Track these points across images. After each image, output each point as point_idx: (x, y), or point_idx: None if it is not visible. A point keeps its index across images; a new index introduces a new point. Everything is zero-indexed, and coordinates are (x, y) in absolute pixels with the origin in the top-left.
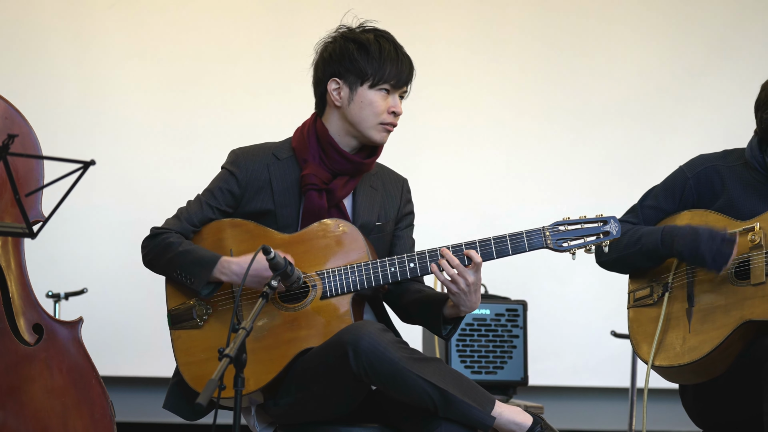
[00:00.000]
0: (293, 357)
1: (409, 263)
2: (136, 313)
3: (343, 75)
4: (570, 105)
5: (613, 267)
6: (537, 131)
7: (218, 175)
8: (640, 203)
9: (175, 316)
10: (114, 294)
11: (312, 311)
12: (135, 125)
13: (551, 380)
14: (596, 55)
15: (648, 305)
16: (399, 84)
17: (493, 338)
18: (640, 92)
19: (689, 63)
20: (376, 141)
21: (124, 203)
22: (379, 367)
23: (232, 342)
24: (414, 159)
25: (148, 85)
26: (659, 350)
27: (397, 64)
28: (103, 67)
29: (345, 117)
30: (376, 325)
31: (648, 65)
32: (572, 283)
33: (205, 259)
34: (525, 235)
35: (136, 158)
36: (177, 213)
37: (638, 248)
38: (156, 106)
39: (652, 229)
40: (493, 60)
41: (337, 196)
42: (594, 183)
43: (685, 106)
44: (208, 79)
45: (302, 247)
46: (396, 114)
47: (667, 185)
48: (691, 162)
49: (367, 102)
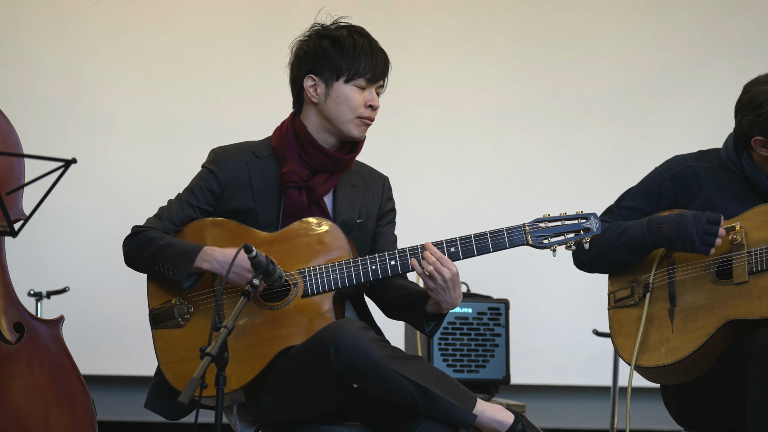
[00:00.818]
0: (275, 355)
1: (390, 261)
2: (117, 312)
3: (319, 71)
4: (552, 102)
5: (594, 265)
6: (518, 129)
7: (198, 174)
8: (617, 204)
9: (157, 316)
10: (95, 293)
11: (293, 310)
12: (117, 124)
13: (533, 379)
14: (578, 51)
15: (629, 306)
16: (374, 78)
17: (475, 337)
18: (623, 90)
19: (672, 61)
20: (354, 136)
21: (105, 202)
22: (360, 365)
23: (213, 341)
24: (393, 156)
25: (131, 83)
26: (642, 351)
27: (371, 58)
28: (85, 65)
29: (322, 113)
30: (357, 323)
31: (631, 62)
32: (554, 282)
33: (187, 249)
34: (505, 232)
35: (118, 157)
36: (158, 212)
37: (622, 241)
38: (138, 105)
39: (635, 222)
40: (473, 56)
41: (317, 194)
42: (576, 181)
43: (669, 104)
44: (190, 78)
45: (283, 245)
46: (373, 108)
47: (644, 187)
48: (667, 163)
49: (343, 97)
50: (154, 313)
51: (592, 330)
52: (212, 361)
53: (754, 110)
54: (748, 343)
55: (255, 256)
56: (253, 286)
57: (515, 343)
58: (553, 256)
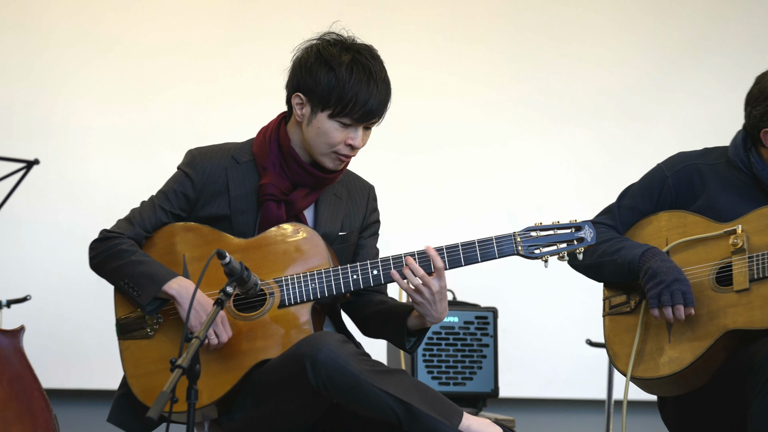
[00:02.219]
0: (249, 369)
1: (372, 270)
2: (82, 322)
3: (307, 93)
4: (542, 100)
5: (587, 273)
6: (507, 130)
7: (173, 177)
8: (618, 203)
9: (124, 326)
10: (59, 301)
11: (269, 321)
12: (83, 123)
13: (523, 392)
14: (570, 46)
15: (625, 313)
16: (362, 119)
17: (462, 347)
18: (616, 86)
19: (668, 56)
20: (327, 167)
21: (70, 205)
22: (339, 381)
23: (184, 352)
24: (376, 160)
25: (98, 82)
26: (638, 361)
27: (365, 98)
28: (50, 63)
29: (303, 135)
30: (336, 336)
31: (625, 57)
32: (545, 289)
33: (158, 273)
34: (495, 241)
35: (84, 157)
36: (129, 215)
37: (614, 258)
38: (105, 104)
39: (637, 243)
40: (460, 53)
41: (297, 208)
42: (568, 183)
43: (664, 100)
44: (162, 77)
45: (259, 252)
46: (353, 147)
47: (645, 184)
48: (670, 160)
49: (323, 130)
50: (121, 323)
51: (586, 340)
52: (183, 373)
53: (766, 99)
54: (748, 354)
55: (229, 262)
56: (226, 293)
57: (504, 354)
58: (545, 266)
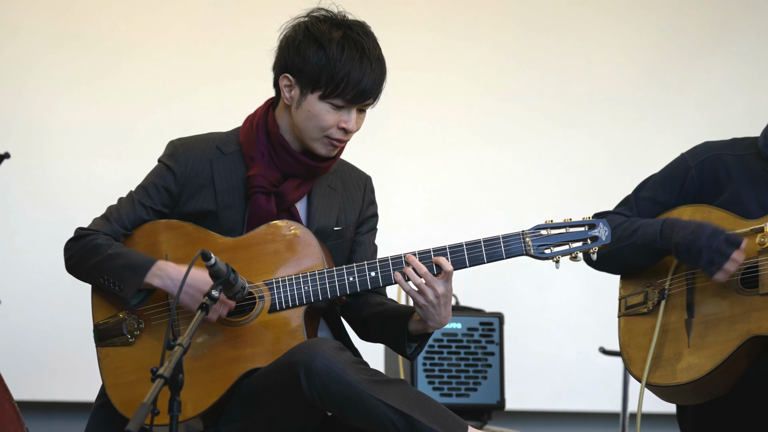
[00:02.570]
0: (237, 378)
1: (369, 272)
2: (56, 328)
3: (295, 74)
4: (552, 92)
5: (603, 264)
6: (514, 123)
7: (154, 170)
8: (635, 194)
9: (103, 332)
10: (31, 307)
11: (259, 326)
12: (56, 116)
13: (531, 404)
14: (582, 33)
15: (642, 314)
16: (356, 100)
17: (465, 356)
18: (631, 75)
19: (688, 41)
20: (321, 154)
21: (43, 203)
22: (335, 391)
23: (167, 361)
24: (376, 155)
25: (70, 70)
26: (654, 366)
27: (358, 78)
28: (18, 50)
29: (293, 119)
30: (332, 343)
31: (641, 44)
32: (556, 293)
33: (138, 262)
34: (502, 240)
35: (58, 153)
36: (106, 212)
37: (632, 241)
38: (79, 93)
39: (651, 221)
40: (464, 43)
41: (288, 200)
42: (581, 180)
43: (684, 90)
44: (138, 66)
45: (248, 252)
46: (347, 131)
47: (666, 175)
48: (694, 149)
49: (313, 113)
50: (99, 329)
51: (599, 348)
52: (165, 383)
53: None
54: None
55: (214, 264)
56: (212, 297)
57: (511, 363)
58: (556, 267)
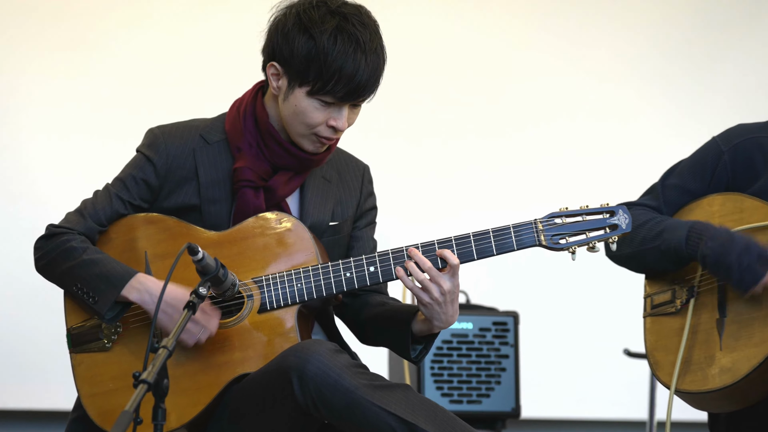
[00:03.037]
0: (225, 385)
1: (368, 267)
2: (25, 333)
3: (284, 64)
4: (573, 70)
5: (628, 264)
6: (528, 102)
7: (132, 161)
8: (662, 182)
9: (77, 336)
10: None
11: (248, 328)
12: (27, 106)
13: (549, 411)
14: (604, 7)
15: (669, 314)
16: (347, 98)
17: (477, 359)
18: (660, 47)
19: (723, 11)
20: (306, 150)
21: (12, 198)
22: (331, 398)
23: (150, 365)
24: (373, 139)
25: (41, 52)
26: (684, 371)
27: (351, 73)
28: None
29: (280, 110)
30: (327, 345)
31: (670, 14)
32: (575, 289)
33: (115, 273)
34: (512, 229)
35: (28, 144)
36: (80, 207)
37: (656, 245)
38: (51, 77)
39: (678, 222)
40: (475, 13)
41: (278, 195)
42: (602, 167)
43: (718, 65)
44: (113, 42)
45: (235, 248)
46: (336, 130)
47: (696, 160)
48: (726, 133)
49: (300, 109)
50: (73, 334)
51: (624, 350)
52: (149, 389)
53: None
54: None
55: (202, 258)
56: (198, 295)
57: (527, 367)
58: (573, 259)
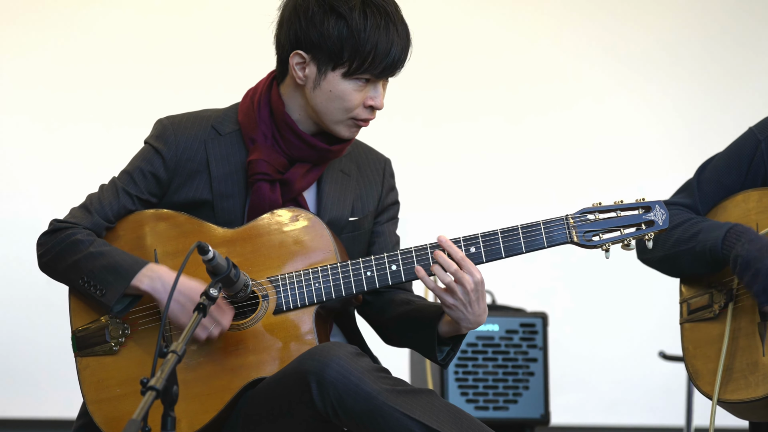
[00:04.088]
0: (239, 390)
1: (390, 265)
2: (27, 336)
3: (311, 50)
4: (605, 56)
5: (660, 267)
6: (558, 92)
7: (140, 153)
8: (697, 176)
9: (82, 339)
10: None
11: (263, 330)
12: (22, 97)
13: (580, 418)
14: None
15: (707, 319)
16: (385, 73)
17: (503, 363)
18: (697, 36)
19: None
20: (343, 137)
21: (9, 196)
22: (352, 403)
23: (158, 370)
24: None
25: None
26: (725, 379)
27: (386, 48)
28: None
29: (308, 101)
30: (347, 348)
31: (708, 5)
32: (607, 289)
33: (124, 264)
34: (543, 226)
35: (25, 139)
36: (86, 202)
37: (691, 246)
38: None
39: (716, 224)
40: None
41: (295, 189)
42: (636, 156)
43: (755, 54)
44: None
45: (249, 245)
46: (374, 108)
47: (732, 152)
48: (764, 121)
49: (337, 93)
50: (78, 336)
51: (659, 352)
52: (158, 396)
53: None
54: None
55: (212, 258)
56: (209, 297)
57: (556, 371)
58: (606, 257)
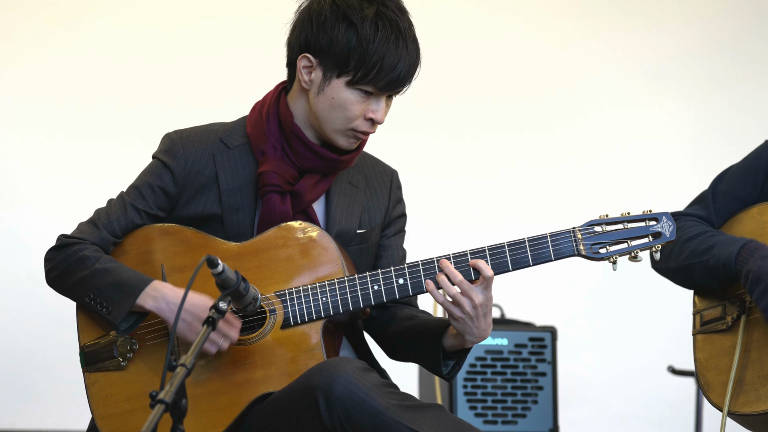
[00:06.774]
0: (247, 405)
1: (397, 279)
2: (37, 350)
3: (319, 55)
4: (617, 71)
5: (674, 278)
6: (569, 100)
7: (148, 167)
8: (712, 188)
9: (90, 354)
10: (7, 325)
11: (271, 344)
12: (27, 109)
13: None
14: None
15: (719, 331)
16: (388, 87)
17: (513, 377)
18: (714, 47)
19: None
20: (340, 146)
21: (16, 209)
22: (360, 419)
23: (167, 384)
24: (401, 141)
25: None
26: (736, 392)
27: (393, 62)
28: None
29: (311, 106)
30: (355, 363)
31: (721, 7)
32: (615, 303)
33: (130, 281)
34: (550, 238)
35: (31, 152)
36: (93, 217)
37: (705, 259)
38: (45, 81)
39: (731, 238)
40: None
41: (305, 200)
42: (648, 168)
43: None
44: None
45: (257, 260)
46: (374, 122)
47: (748, 165)
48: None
49: (339, 101)
50: (86, 351)
51: (668, 367)
52: (167, 410)
53: None
54: None
55: (222, 271)
56: (219, 311)
57: (565, 385)
58: (614, 269)
